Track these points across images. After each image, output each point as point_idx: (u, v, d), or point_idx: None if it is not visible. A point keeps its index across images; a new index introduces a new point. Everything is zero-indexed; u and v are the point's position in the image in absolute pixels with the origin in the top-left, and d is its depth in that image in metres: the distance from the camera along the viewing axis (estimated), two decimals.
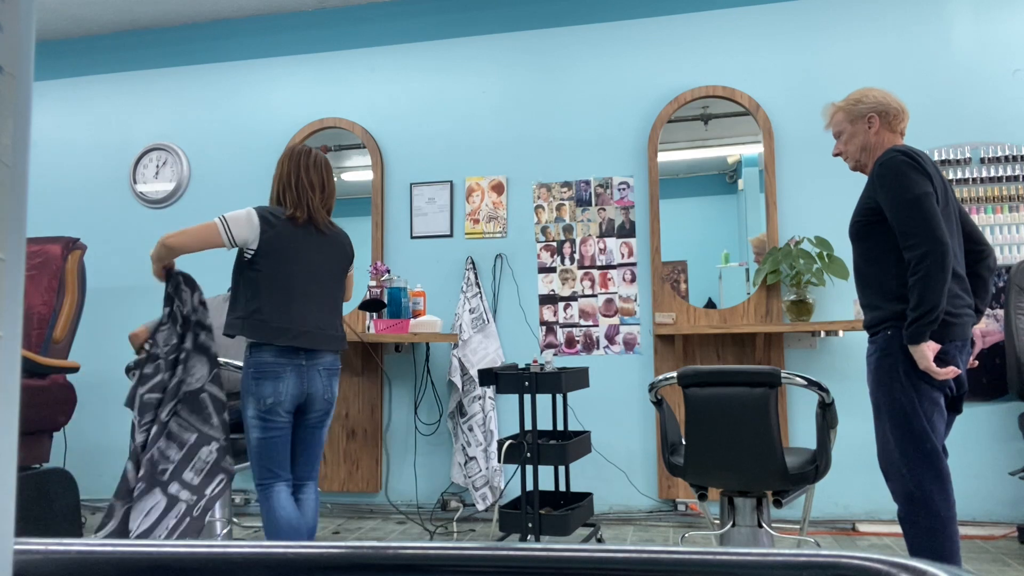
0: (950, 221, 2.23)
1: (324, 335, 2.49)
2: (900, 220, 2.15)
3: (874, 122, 2.34)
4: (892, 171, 2.18)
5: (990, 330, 3.71)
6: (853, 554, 0.49)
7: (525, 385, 3.07)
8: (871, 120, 2.34)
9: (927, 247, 2.08)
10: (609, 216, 4.15)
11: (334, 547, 0.56)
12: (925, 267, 2.08)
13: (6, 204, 0.44)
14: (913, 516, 2.29)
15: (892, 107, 2.34)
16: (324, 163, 2.62)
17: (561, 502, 3.41)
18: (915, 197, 2.11)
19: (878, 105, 2.34)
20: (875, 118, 2.33)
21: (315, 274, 2.51)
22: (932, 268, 2.08)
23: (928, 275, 2.08)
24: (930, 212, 2.09)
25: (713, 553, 0.52)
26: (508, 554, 0.54)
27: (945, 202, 2.22)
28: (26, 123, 0.45)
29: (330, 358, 2.54)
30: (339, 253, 2.60)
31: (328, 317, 2.53)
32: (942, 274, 2.07)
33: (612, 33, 4.26)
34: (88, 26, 4.83)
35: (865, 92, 2.38)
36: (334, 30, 4.59)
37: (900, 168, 2.16)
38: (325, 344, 2.49)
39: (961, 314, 2.22)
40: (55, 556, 0.57)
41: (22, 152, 0.45)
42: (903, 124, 2.35)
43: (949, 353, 2.20)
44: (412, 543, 0.56)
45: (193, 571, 0.56)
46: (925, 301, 2.09)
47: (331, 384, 2.54)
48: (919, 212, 2.10)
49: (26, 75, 0.45)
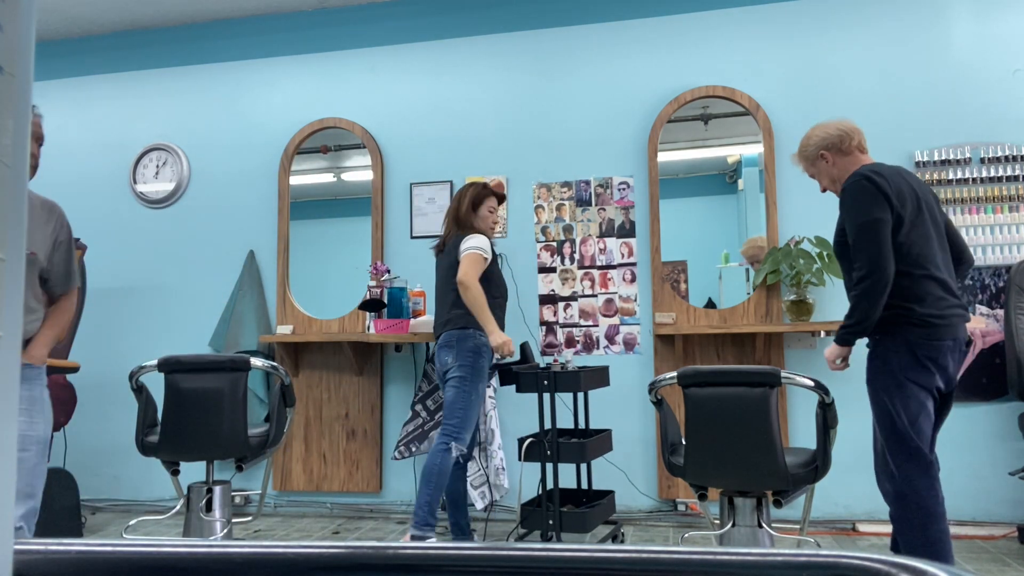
0: (925, 228, 2.40)
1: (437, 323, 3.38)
2: (853, 241, 2.40)
3: (827, 156, 2.56)
4: (851, 196, 2.41)
5: (990, 330, 3.71)
6: (853, 554, 0.49)
7: (544, 384, 3.10)
8: (824, 156, 2.57)
9: (868, 270, 2.33)
10: (609, 216, 4.15)
11: (334, 547, 0.56)
12: (863, 287, 2.34)
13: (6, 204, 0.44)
14: (904, 513, 2.37)
15: (834, 136, 2.55)
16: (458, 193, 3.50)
17: (583, 500, 3.44)
18: (865, 223, 2.35)
19: (822, 141, 2.57)
20: (826, 153, 2.56)
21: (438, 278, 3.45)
22: (869, 289, 2.33)
23: (864, 293, 2.34)
24: (877, 239, 2.33)
25: (713, 553, 0.52)
26: (508, 554, 0.54)
27: (917, 213, 2.40)
28: (26, 123, 0.45)
29: (441, 338, 3.28)
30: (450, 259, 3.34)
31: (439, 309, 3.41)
32: (876, 296, 2.32)
33: (612, 33, 4.26)
34: (88, 26, 4.83)
35: (809, 134, 2.62)
36: (334, 30, 4.59)
37: (857, 194, 2.39)
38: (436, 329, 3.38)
39: (948, 315, 2.37)
40: (55, 556, 0.57)
41: (22, 152, 0.45)
42: (855, 141, 2.54)
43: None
44: (412, 543, 0.56)
45: (193, 571, 0.56)
46: (856, 314, 2.37)
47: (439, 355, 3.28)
48: (867, 237, 2.34)
49: (26, 75, 0.45)
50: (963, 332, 2.42)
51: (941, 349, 2.35)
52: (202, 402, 2.87)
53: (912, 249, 2.38)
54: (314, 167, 4.65)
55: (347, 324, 4.34)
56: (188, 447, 2.91)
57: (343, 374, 4.32)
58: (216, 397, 2.86)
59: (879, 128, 3.91)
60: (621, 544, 0.65)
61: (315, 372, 4.36)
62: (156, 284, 4.64)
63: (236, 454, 2.95)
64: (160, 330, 4.58)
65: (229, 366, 2.91)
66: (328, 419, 4.32)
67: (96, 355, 4.51)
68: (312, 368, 4.36)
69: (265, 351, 4.34)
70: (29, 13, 0.45)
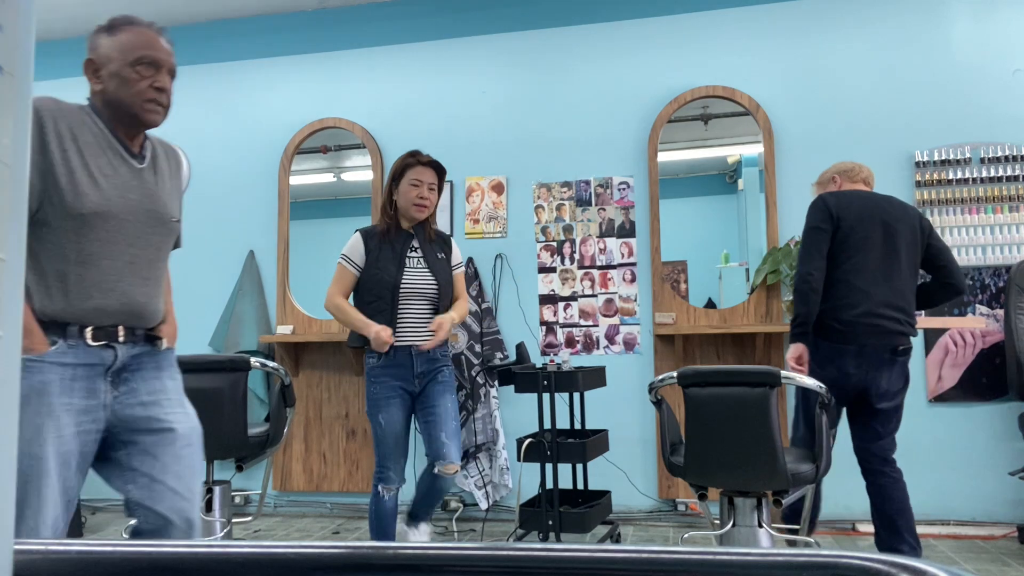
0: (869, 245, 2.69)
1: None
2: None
3: (837, 180, 2.97)
4: (809, 208, 2.81)
5: (990, 330, 3.72)
6: (853, 554, 0.49)
7: (544, 384, 3.10)
8: (834, 180, 2.98)
9: (798, 272, 2.73)
10: (609, 216, 4.15)
11: (334, 547, 0.56)
12: (795, 286, 2.74)
13: (6, 204, 0.44)
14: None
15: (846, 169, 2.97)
16: None
17: (579, 500, 3.44)
18: (806, 230, 2.76)
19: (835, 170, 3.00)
20: (837, 177, 2.97)
21: None
22: (798, 286, 2.71)
23: (796, 290, 2.73)
24: (809, 245, 2.71)
25: (713, 553, 0.52)
26: (508, 554, 0.54)
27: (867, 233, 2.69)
28: (26, 123, 0.45)
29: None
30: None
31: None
32: (803, 293, 2.67)
33: (612, 33, 4.26)
34: (88, 26, 4.81)
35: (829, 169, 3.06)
36: (334, 30, 4.59)
37: (811, 208, 2.79)
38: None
39: (855, 323, 2.64)
40: (55, 556, 0.57)
41: (22, 152, 0.45)
42: (862, 175, 2.93)
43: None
44: (412, 543, 0.56)
45: (193, 571, 0.56)
46: (794, 311, 2.74)
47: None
48: (804, 243, 2.75)
49: (26, 75, 0.45)
50: (880, 341, 2.65)
51: (842, 353, 2.63)
52: (202, 402, 2.85)
53: (840, 258, 2.69)
54: (314, 167, 4.65)
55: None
56: None
57: (343, 374, 4.32)
58: (216, 397, 2.86)
59: (879, 128, 3.91)
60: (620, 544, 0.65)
61: (315, 372, 4.36)
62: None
63: (236, 454, 2.95)
64: None
65: (229, 366, 2.91)
66: (328, 419, 4.32)
67: None
68: (312, 368, 4.36)
69: (265, 351, 4.34)
70: (29, 13, 0.45)
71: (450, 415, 2.76)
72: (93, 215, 1.59)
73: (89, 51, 1.70)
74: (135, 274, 1.68)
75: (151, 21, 1.75)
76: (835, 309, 2.67)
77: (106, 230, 1.62)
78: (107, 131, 1.67)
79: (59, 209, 1.56)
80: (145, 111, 1.67)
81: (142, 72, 1.66)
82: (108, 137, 1.67)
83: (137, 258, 1.69)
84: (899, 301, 2.69)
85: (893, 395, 2.75)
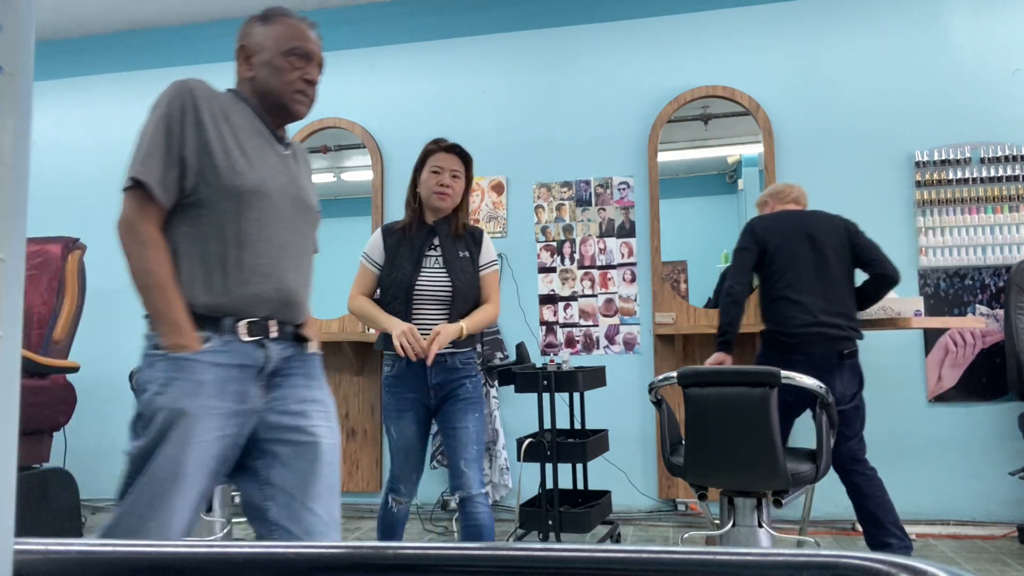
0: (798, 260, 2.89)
1: None
2: None
3: (769, 203, 3.19)
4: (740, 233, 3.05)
5: (990, 330, 3.72)
6: (853, 554, 0.49)
7: (543, 384, 3.09)
8: (767, 203, 3.20)
9: (725, 287, 2.95)
10: (609, 216, 4.15)
11: (334, 547, 0.56)
12: (721, 299, 2.95)
13: (6, 204, 0.44)
14: None
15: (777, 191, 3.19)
16: None
17: (579, 500, 3.44)
18: (734, 251, 3.01)
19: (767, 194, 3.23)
20: (769, 200, 3.19)
21: None
22: (722, 299, 2.93)
23: (721, 304, 2.94)
24: (735, 264, 2.96)
25: (713, 553, 0.52)
26: (508, 554, 0.54)
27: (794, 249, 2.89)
28: (26, 123, 0.45)
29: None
30: None
31: None
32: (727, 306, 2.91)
33: (612, 33, 4.26)
34: (88, 26, 4.83)
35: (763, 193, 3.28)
36: (334, 30, 4.59)
37: (741, 232, 3.04)
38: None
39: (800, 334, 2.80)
40: (55, 556, 0.57)
41: (22, 152, 0.45)
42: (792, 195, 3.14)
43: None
44: (412, 543, 0.56)
45: (193, 571, 0.56)
46: (719, 322, 2.95)
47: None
48: (732, 262, 2.99)
49: (26, 75, 0.45)
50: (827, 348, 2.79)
51: (792, 363, 2.72)
52: None
53: (774, 277, 2.90)
54: (314, 167, 4.63)
55: (347, 324, 4.34)
56: None
57: (343, 374, 4.32)
58: None
59: (879, 128, 3.91)
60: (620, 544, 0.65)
61: None
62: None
63: None
64: None
65: None
66: None
67: (96, 355, 4.51)
68: None
69: None
70: (29, 13, 0.44)
71: (471, 439, 2.44)
72: (251, 193, 1.56)
73: (242, 38, 1.68)
74: (287, 260, 1.64)
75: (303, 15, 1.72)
76: (780, 324, 2.85)
77: (261, 210, 1.58)
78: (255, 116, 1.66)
79: (215, 188, 1.53)
80: (294, 101, 1.66)
81: (294, 63, 1.65)
82: (256, 122, 1.66)
83: (288, 244, 1.65)
84: (838, 308, 2.84)
85: (850, 397, 2.82)
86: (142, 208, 1.50)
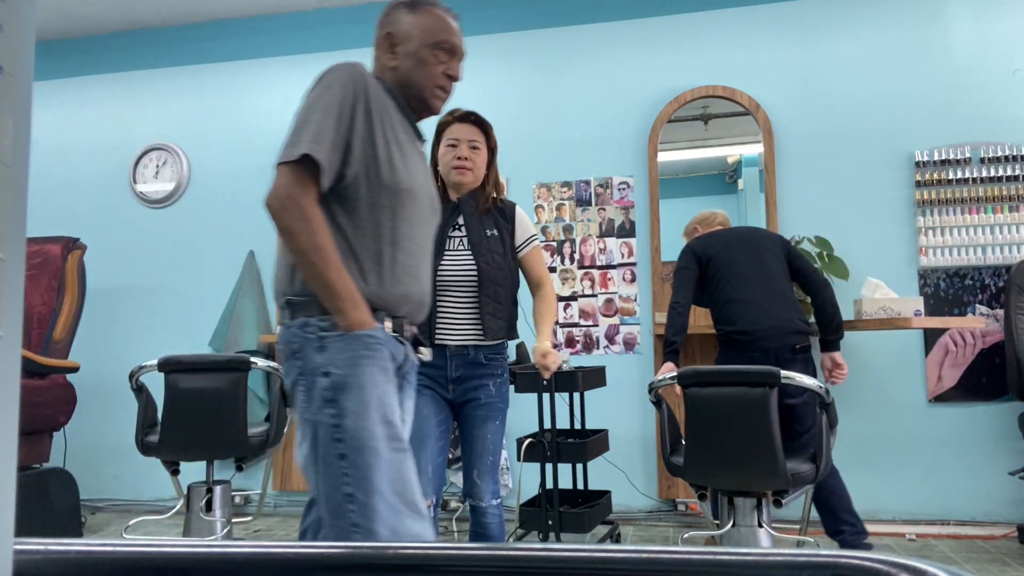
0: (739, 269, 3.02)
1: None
2: None
3: (698, 230, 3.38)
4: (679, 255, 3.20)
5: (990, 330, 3.71)
6: (853, 554, 0.49)
7: (543, 384, 3.09)
8: (696, 230, 3.39)
9: (670, 302, 3.07)
10: (609, 216, 4.15)
11: (334, 547, 0.56)
12: (667, 314, 3.06)
13: (6, 204, 0.44)
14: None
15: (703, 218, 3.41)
16: None
17: (579, 500, 3.44)
18: (675, 271, 3.15)
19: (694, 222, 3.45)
20: (698, 227, 3.40)
21: None
22: (669, 315, 3.03)
23: (668, 318, 3.04)
24: (678, 281, 3.10)
25: (713, 553, 0.52)
26: (508, 554, 0.54)
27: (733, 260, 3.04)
28: (26, 123, 0.45)
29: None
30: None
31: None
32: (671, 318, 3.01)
33: (612, 33, 4.26)
34: (88, 26, 4.83)
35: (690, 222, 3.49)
36: (334, 30, 4.59)
37: (680, 255, 3.18)
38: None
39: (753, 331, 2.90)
40: (55, 556, 0.57)
41: (22, 152, 0.45)
42: (717, 220, 3.37)
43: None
44: (412, 543, 0.56)
45: (193, 571, 0.56)
46: (665, 334, 3.04)
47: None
48: (674, 280, 3.13)
49: (26, 75, 0.45)
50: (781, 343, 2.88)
51: (748, 360, 2.82)
52: (202, 402, 2.87)
53: (720, 284, 3.03)
54: None
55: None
56: (188, 447, 2.91)
57: None
58: (216, 397, 2.86)
59: (879, 128, 3.91)
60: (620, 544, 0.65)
61: None
62: (156, 284, 4.64)
63: (236, 454, 2.96)
64: (160, 330, 4.58)
65: (229, 366, 2.91)
66: None
67: (96, 355, 4.51)
68: None
69: (265, 351, 4.34)
70: (29, 13, 0.45)
71: (487, 448, 2.29)
72: (406, 192, 1.51)
73: (388, 25, 1.61)
74: (426, 262, 1.60)
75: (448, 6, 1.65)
76: (734, 324, 2.96)
77: (412, 209, 1.54)
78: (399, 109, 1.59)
79: (375, 183, 1.48)
80: (434, 96, 1.61)
81: (439, 56, 1.60)
82: (402, 115, 1.60)
83: (425, 246, 1.60)
84: (785, 304, 2.96)
85: (803, 390, 2.79)
86: (303, 184, 1.42)
